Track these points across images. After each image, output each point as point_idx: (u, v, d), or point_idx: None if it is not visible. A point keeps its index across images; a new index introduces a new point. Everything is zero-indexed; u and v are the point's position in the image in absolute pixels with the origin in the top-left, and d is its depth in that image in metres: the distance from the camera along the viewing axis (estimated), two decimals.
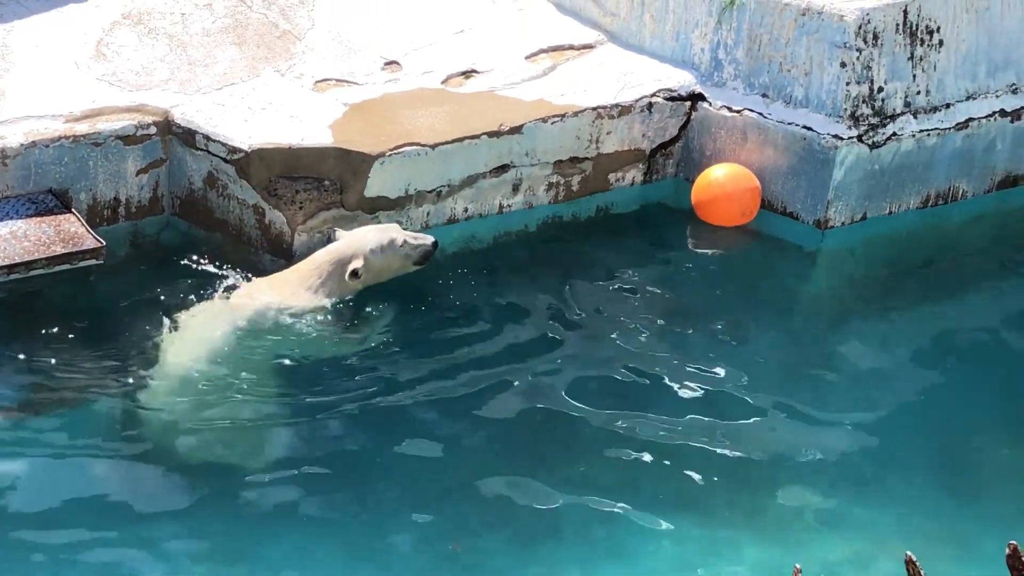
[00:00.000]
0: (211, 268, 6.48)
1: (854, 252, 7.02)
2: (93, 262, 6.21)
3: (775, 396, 6.12)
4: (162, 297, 6.32)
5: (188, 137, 6.60)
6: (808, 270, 6.95)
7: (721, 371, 6.22)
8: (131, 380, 5.95)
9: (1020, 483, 5.80)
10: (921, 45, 7.02)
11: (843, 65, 6.87)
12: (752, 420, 5.98)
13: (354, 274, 6.21)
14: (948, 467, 5.86)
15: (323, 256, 6.28)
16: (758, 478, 5.72)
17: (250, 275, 6.36)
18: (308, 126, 6.61)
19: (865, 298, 6.81)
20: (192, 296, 6.29)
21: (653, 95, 7.15)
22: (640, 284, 6.69)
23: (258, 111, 6.68)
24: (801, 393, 6.17)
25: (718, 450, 5.82)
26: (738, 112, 7.09)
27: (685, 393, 6.10)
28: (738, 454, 5.80)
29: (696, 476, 5.69)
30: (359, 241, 6.29)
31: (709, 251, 6.98)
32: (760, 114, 7.05)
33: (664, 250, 7.00)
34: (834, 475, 5.77)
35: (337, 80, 7.01)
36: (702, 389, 6.12)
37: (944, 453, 5.93)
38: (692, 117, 7.21)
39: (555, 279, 6.69)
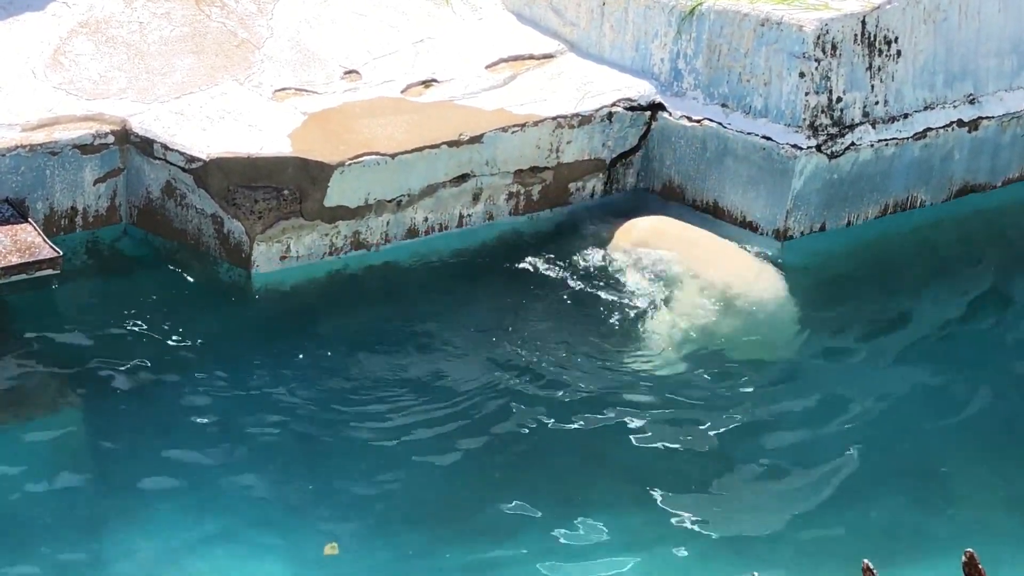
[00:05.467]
0: (169, 278, 6.45)
1: (813, 262, 7.04)
2: (50, 272, 6.17)
3: (732, 405, 6.12)
4: (120, 308, 6.30)
5: (146, 146, 6.56)
6: None
7: (677, 382, 6.22)
8: (88, 389, 5.92)
9: (980, 492, 5.83)
10: (879, 55, 7.05)
11: (802, 75, 6.89)
12: (708, 429, 5.99)
13: None
14: (909, 477, 5.87)
15: None
16: (713, 488, 5.73)
17: None
18: (267, 135, 6.59)
19: (824, 307, 6.83)
20: (153, 306, 6.29)
21: (613, 105, 7.15)
22: (598, 294, 6.68)
23: (216, 120, 6.65)
24: (759, 402, 6.19)
25: (673, 460, 5.83)
26: (698, 122, 7.11)
27: (643, 404, 6.11)
28: (695, 465, 5.81)
29: (654, 485, 5.71)
30: None
31: None
32: (720, 124, 7.06)
33: None
34: (792, 485, 5.79)
35: (296, 89, 6.99)
36: (657, 397, 6.12)
37: (905, 462, 5.95)
38: (652, 127, 7.22)
39: (516, 287, 6.69)
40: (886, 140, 7.11)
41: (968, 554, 3.53)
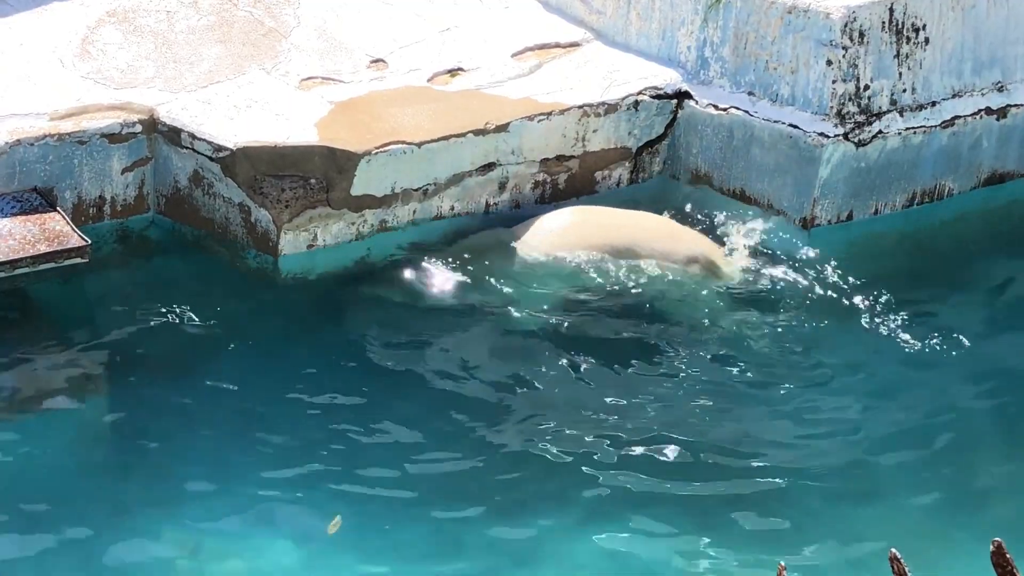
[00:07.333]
0: (196, 266, 6.47)
1: (840, 250, 7.02)
2: (78, 261, 6.20)
3: (759, 394, 6.12)
4: (148, 296, 6.33)
5: (173, 135, 6.58)
6: (794, 268, 6.95)
7: (705, 370, 6.22)
8: (116, 377, 5.95)
9: (1008, 484, 5.82)
10: (907, 43, 7.03)
11: (829, 63, 6.87)
12: (734, 420, 5.99)
13: None
14: (937, 468, 5.87)
15: None
16: (738, 476, 5.73)
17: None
18: (294, 124, 6.61)
19: (851, 296, 6.81)
20: (180, 295, 6.32)
21: (639, 93, 7.15)
22: (624, 282, 6.68)
23: (243, 109, 6.67)
24: (788, 392, 6.18)
25: (700, 451, 5.83)
26: (724, 110, 7.10)
27: (667, 390, 6.11)
28: (719, 456, 5.81)
29: (686, 474, 5.71)
30: None
31: None
32: (746, 112, 7.05)
33: None
34: (818, 475, 5.78)
35: (323, 78, 7.00)
36: (684, 388, 6.12)
37: (932, 454, 5.94)
38: (678, 115, 7.21)
39: (543, 276, 6.70)
40: (914, 128, 7.08)
41: (996, 544, 3.53)
